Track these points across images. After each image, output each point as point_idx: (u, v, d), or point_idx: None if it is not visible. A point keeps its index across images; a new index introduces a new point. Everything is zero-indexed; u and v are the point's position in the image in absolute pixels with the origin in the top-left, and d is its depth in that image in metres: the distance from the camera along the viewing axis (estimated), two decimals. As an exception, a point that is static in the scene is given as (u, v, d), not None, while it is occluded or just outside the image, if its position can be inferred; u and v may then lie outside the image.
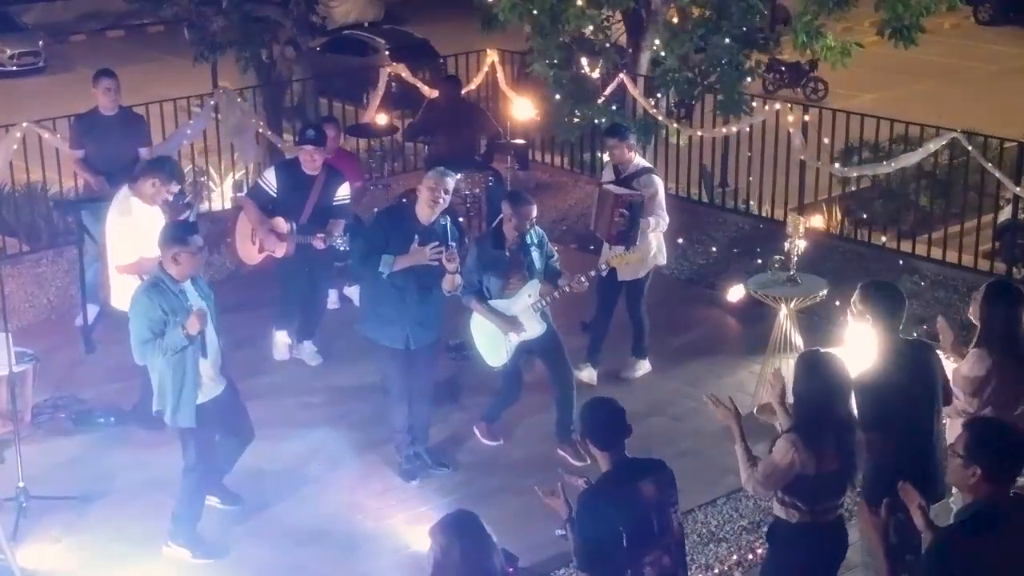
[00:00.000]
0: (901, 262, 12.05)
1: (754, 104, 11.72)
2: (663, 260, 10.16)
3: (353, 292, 11.09)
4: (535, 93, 14.94)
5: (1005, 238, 14.91)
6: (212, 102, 13.30)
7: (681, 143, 12.02)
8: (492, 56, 14.93)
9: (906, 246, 12.38)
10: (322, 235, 9.60)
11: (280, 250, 9.70)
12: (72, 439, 9.22)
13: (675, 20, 10.80)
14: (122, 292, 9.12)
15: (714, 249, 12.64)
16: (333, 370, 10.30)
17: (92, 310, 10.81)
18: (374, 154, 13.04)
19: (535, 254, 8.74)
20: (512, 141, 13.06)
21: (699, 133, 13.02)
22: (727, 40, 10.41)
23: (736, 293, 11.22)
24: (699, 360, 10.47)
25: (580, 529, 5.68)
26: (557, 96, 11.33)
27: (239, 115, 13.38)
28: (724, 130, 12.60)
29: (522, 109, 13.86)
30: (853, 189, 14.52)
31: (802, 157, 12.58)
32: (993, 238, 14.91)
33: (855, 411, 6.15)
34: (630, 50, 11.81)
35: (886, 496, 5.56)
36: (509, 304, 8.69)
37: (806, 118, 11.71)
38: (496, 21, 11.43)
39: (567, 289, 8.87)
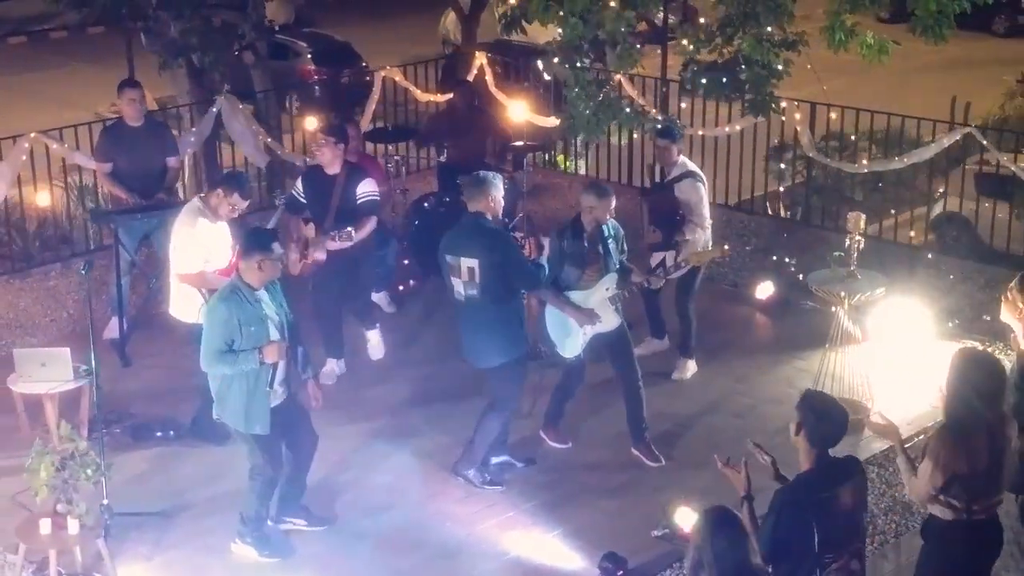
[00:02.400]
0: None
1: (783, 104, 11.88)
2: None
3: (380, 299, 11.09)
4: (526, 95, 15.02)
5: (940, 230, 15.47)
6: (214, 109, 13.10)
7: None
8: (481, 59, 14.92)
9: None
10: (334, 233, 9.46)
11: (319, 254, 9.62)
12: (134, 454, 9.05)
13: (703, 21, 10.89)
14: (181, 301, 9.03)
15: (727, 247, 12.74)
16: (379, 378, 10.25)
17: (116, 321, 10.64)
18: (391, 158, 12.92)
19: (612, 246, 8.78)
20: (528, 143, 13.09)
21: (699, 132, 13.20)
22: (757, 41, 10.52)
23: (764, 290, 11.36)
24: (741, 358, 10.58)
25: (774, 525, 5.67)
26: (579, 98, 11.34)
27: (241, 121, 13.19)
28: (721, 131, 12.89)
29: (517, 111, 13.89)
30: (788, 185, 14.86)
31: (811, 154, 12.79)
32: (927, 231, 15.42)
33: (1008, 410, 6.21)
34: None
35: None
36: (586, 296, 8.70)
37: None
38: (517, 22, 11.40)
39: (645, 284, 8.96)
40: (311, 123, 14.08)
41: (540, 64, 15.67)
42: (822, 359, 9.67)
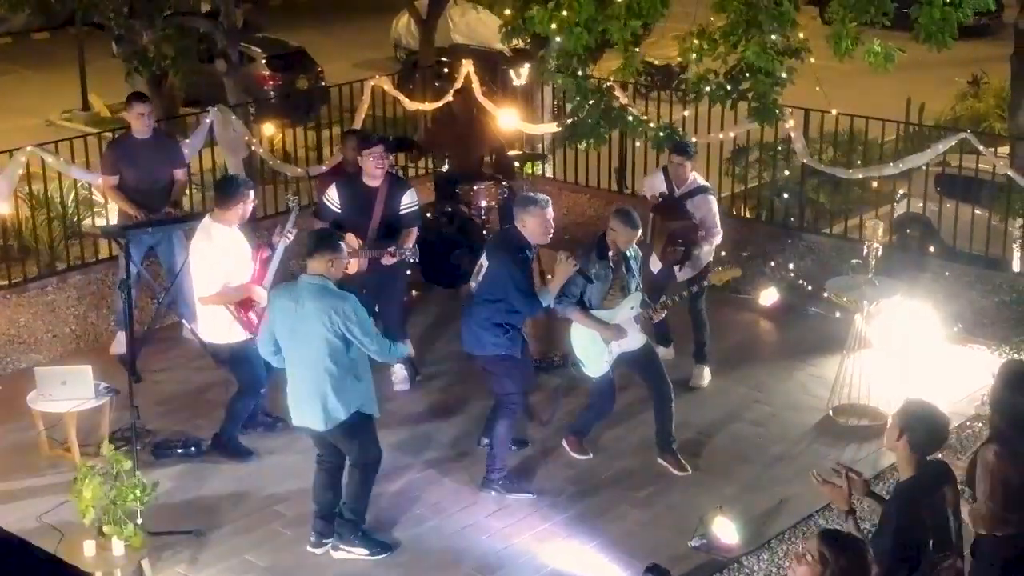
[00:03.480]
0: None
1: (789, 111, 11.97)
2: (710, 259, 10.27)
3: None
4: (518, 103, 15.02)
5: (900, 231, 15.72)
6: (208, 120, 12.99)
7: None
8: (468, 67, 14.90)
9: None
10: (391, 249, 9.47)
11: (352, 266, 9.55)
12: (157, 472, 8.88)
13: (706, 29, 10.94)
14: (211, 324, 8.95)
15: (723, 254, 12.82)
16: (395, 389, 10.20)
17: (123, 337, 10.54)
18: (391, 169, 12.83)
19: (634, 267, 8.82)
20: (525, 152, 13.08)
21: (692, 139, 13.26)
22: (761, 49, 10.59)
23: (769, 296, 11.43)
24: (755, 365, 10.64)
25: (896, 532, 5.66)
26: (581, 107, 11.37)
27: (233, 133, 13.09)
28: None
29: (508, 120, 13.91)
30: (745, 187, 15.02)
31: (804, 160, 12.89)
32: (892, 231, 15.64)
33: None
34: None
35: None
36: (611, 315, 8.74)
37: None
38: (518, 32, 11.40)
39: (670, 303, 9.03)
40: (268, 129, 14.02)
41: (520, 70, 15.77)
42: (840, 366, 9.76)
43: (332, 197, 9.75)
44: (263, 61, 25.34)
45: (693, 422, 9.58)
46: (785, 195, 14.01)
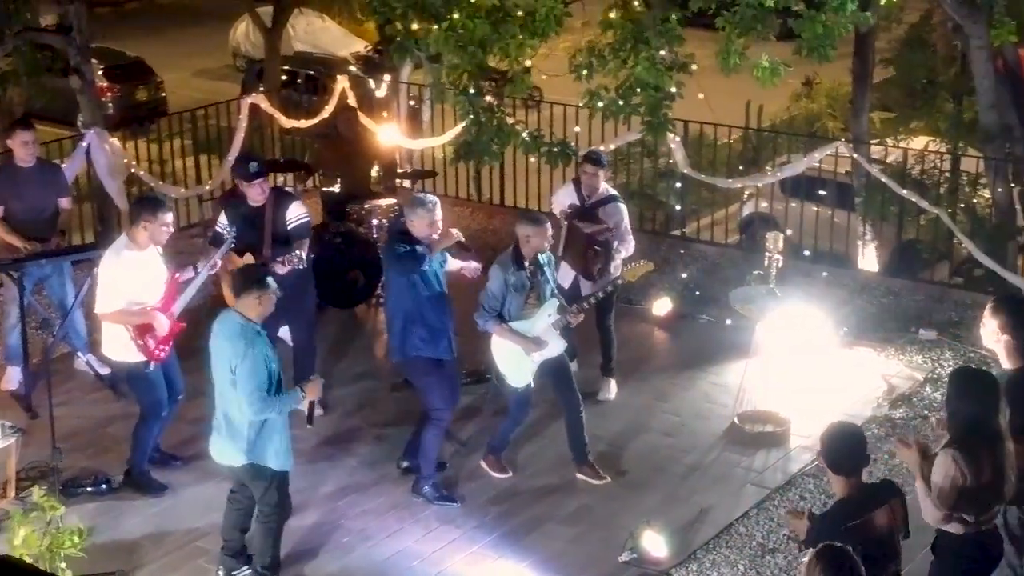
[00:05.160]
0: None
1: (680, 124, 12.20)
2: (619, 272, 10.38)
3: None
4: (401, 119, 14.96)
5: (749, 230, 16.25)
6: (84, 144, 12.64)
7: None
8: (343, 83, 14.78)
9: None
10: (281, 259, 9.28)
11: None
12: (70, 512, 8.57)
13: (595, 45, 11.09)
14: (111, 339, 8.80)
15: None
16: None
17: (15, 373, 10.24)
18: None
19: (549, 273, 8.92)
20: (417, 169, 13.04)
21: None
22: (651, 64, 10.78)
23: (662, 306, 11.59)
24: (657, 375, 10.80)
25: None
26: (475, 124, 11.42)
27: (111, 157, 12.75)
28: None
29: (391, 136, 13.85)
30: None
31: (685, 170, 13.13)
32: (739, 230, 16.15)
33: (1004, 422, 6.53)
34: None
35: None
36: (530, 325, 8.81)
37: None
38: (409, 53, 11.40)
39: (587, 305, 9.13)
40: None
41: (380, 81, 15.65)
42: (744, 373, 9.99)
43: (223, 223, 9.59)
44: (100, 72, 24.68)
45: (605, 435, 9.69)
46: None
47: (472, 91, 11.36)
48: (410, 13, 11.33)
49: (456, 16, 10.80)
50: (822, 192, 14.61)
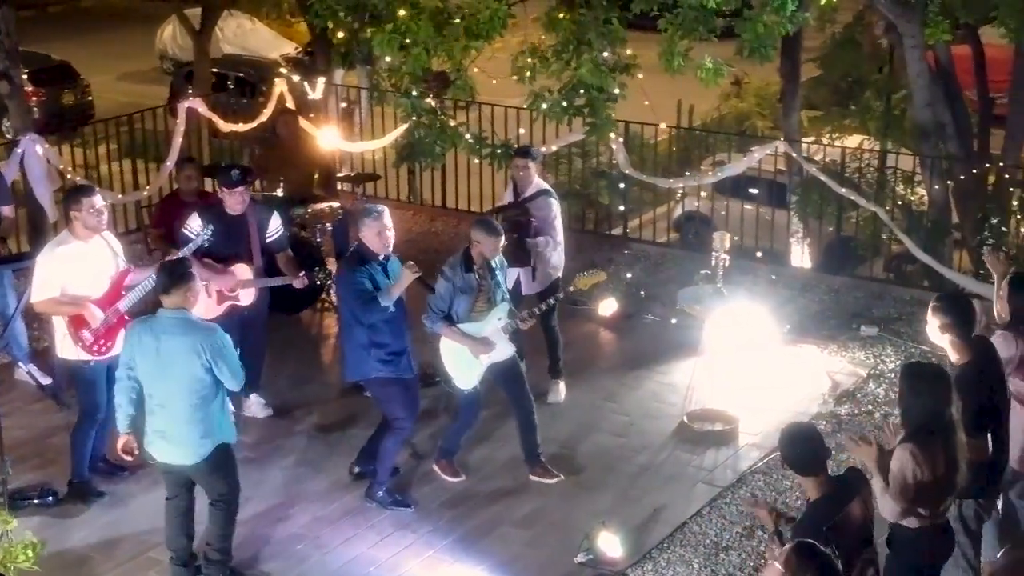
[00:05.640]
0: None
1: (621, 126, 12.24)
2: (560, 274, 10.37)
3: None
4: (337, 122, 14.88)
5: (684, 229, 16.39)
6: (19, 150, 12.43)
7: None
8: (281, 86, 14.69)
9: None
10: (303, 273, 9.52)
11: (247, 297, 9.38)
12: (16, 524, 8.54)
13: (539, 47, 11.10)
14: (61, 338, 8.68)
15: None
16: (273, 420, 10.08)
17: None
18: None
19: (500, 277, 8.91)
20: (360, 173, 12.97)
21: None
22: (593, 65, 10.81)
23: (608, 307, 11.60)
24: (605, 376, 10.83)
25: None
26: (417, 126, 11.39)
27: (45, 164, 12.55)
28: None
29: (330, 139, 13.79)
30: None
31: (627, 171, 13.18)
32: (673, 229, 16.27)
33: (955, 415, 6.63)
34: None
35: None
36: (479, 327, 8.80)
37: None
38: (354, 56, 11.35)
39: (538, 311, 9.14)
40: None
41: (314, 83, 15.56)
42: (692, 372, 10.05)
43: (195, 227, 9.38)
44: (25, 76, 24.25)
45: (556, 437, 9.70)
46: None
47: (414, 93, 11.30)
48: (352, 15, 11.26)
49: (400, 18, 10.75)
50: (754, 191, 14.73)
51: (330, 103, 15.34)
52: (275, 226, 9.66)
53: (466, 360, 8.83)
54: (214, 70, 22.69)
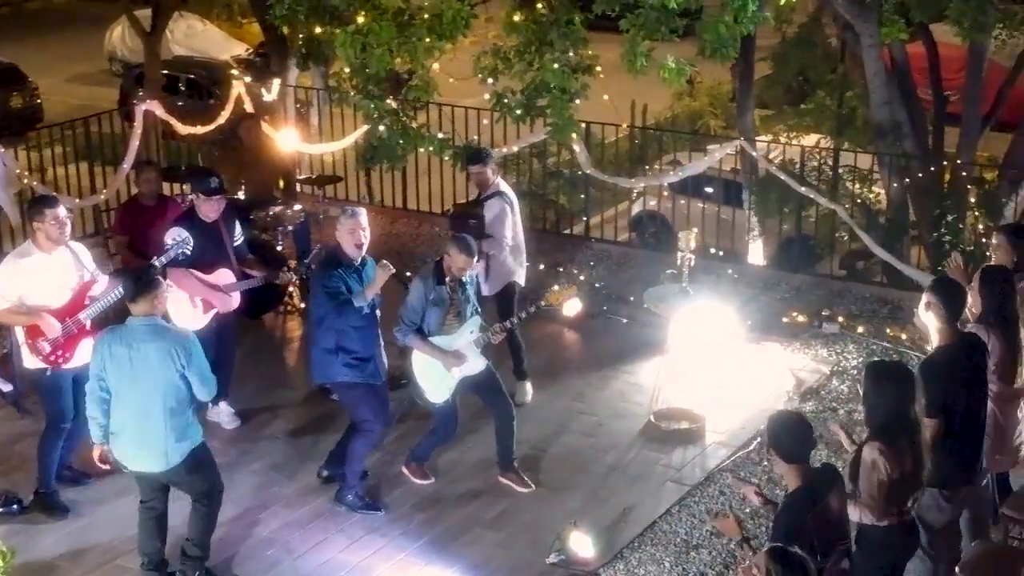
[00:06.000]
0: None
1: (585, 125, 12.26)
2: (520, 279, 10.38)
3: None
4: (290, 123, 14.81)
5: (639, 228, 16.45)
6: (-19, 155, 12.29)
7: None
8: (238, 88, 14.60)
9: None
10: (284, 268, 9.57)
11: (232, 302, 9.32)
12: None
13: (501, 48, 11.09)
14: (24, 346, 8.58)
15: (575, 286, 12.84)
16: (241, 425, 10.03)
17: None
18: (185, 199, 12.46)
19: (471, 291, 8.89)
20: (321, 175, 12.91)
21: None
22: (556, 66, 10.83)
23: (572, 307, 11.61)
24: (571, 376, 10.84)
25: (785, 540, 5.83)
26: (380, 127, 11.36)
27: (2, 168, 12.40)
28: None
29: (288, 140, 13.71)
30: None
31: (589, 171, 13.20)
32: (630, 228, 16.34)
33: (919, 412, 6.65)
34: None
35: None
36: (451, 340, 8.78)
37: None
38: (315, 57, 11.29)
39: (509, 325, 9.14)
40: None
41: (270, 85, 15.48)
42: (658, 371, 10.09)
43: (179, 235, 9.19)
44: (-35, 79, 24.11)
45: (525, 438, 9.67)
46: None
47: (377, 94, 11.26)
48: (313, 17, 11.21)
49: (361, 19, 10.71)
50: (710, 190, 14.78)
51: (287, 105, 15.26)
52: (239, 231, 9.64)
53: (438, 374, 8.81)
54: (165, 72, 22.48)
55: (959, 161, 13.68)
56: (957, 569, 7.06)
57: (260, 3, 15.75)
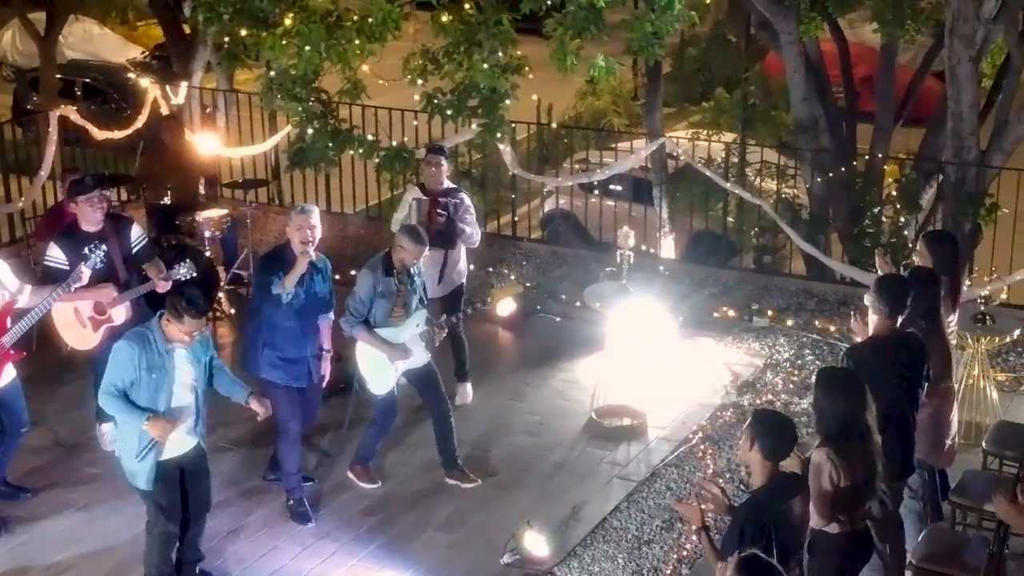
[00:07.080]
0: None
1: (514, 126, 12.24)
2: (463, 280, 10.35)
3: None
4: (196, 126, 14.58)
5: (550, 226, 16.52)
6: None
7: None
8: (154, 92, 14.36)
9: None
10: (162, 275, 8.90)
11: (120, 315, 9.04)
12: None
13: (430, 49, 11.05)
14: None
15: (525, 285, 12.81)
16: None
17: None
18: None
19: (418, 283, 8.87)
20: (249, 179, 12.73)
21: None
22: (485, 66, 10.82)
23: (506, 306, 11.63)
24: (509, 376, 10.85)
25: (739, 540, 5.86)
26: (310, 130, 11.25)
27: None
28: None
29: (212, 144, 13.54)
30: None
31: (515, 171, 13.20)
32: (540, 227, 16.42)
33: (872, 420, 6.54)
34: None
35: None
36: (397, 332, 8.75)
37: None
38: (238, 60, 11.14)
39: (454, 320, 9.13)
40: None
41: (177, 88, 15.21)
42: (599, 369, 10.12)
43: (57, 256, 8.90)
44: None
45: (468, 439, 9.68)
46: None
47: (303, 96, 11.15)
48: (238, 18, 11.07)
49: (289, 21, 10.60)
50: (618, 188, 14.82)
51: (192, 107, 15.02)
52: (137, 235, 9.23)
53: (382, 365, 8.77)
54: (60, 76, 22.03)
55: (881, 155, 13.91)
56: (911, 559, 7.17)
57: (166, 5, 15.54)
